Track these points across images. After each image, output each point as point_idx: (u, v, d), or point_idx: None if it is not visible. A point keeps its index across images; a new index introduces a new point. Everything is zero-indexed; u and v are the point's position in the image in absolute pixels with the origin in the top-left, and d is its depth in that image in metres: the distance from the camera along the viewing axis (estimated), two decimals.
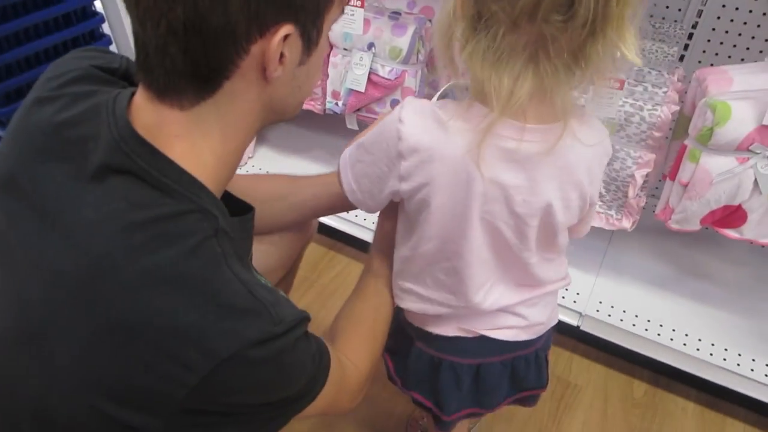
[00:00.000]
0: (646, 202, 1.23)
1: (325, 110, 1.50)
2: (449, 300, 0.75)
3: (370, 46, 1.35)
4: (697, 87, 1.09)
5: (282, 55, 0.53)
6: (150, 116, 0.54)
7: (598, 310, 1.34)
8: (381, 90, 1.37)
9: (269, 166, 1.76)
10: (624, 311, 1.34)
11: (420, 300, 0.78)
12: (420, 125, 0.64)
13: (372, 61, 1.35)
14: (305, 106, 1.57)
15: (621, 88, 1.08)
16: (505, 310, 0.77)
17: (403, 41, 1.30)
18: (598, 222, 1.28)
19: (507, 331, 0.79)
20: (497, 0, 0.55)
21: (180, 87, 0.53)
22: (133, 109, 0.55)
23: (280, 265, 1.00)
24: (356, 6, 1.27)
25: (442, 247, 0.71)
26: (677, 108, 1.12)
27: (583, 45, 0.57)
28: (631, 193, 1.20)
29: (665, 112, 1.10)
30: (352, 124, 1.48)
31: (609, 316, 1.33)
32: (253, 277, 0.56)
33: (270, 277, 1.00)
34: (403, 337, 0.86)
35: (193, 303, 0.50)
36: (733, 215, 1.11)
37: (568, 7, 0.53)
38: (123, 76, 0.65)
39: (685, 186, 1.09)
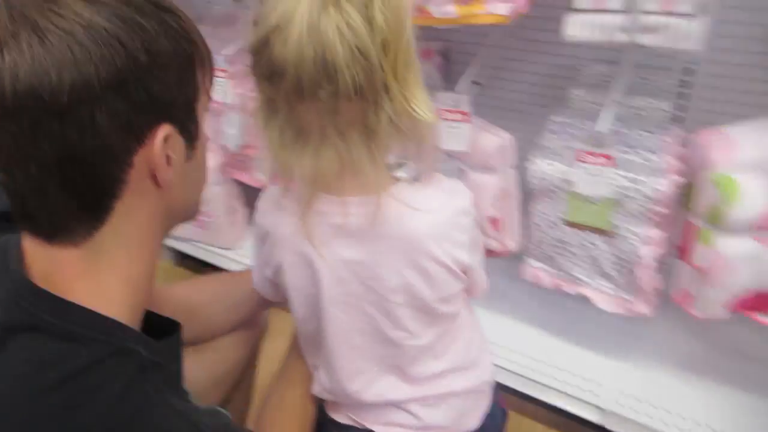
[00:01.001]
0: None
1: None
2: (331, 386, 0.74)
3: None
4: (698, 154, 0.95)
5: (168, 157, 0.52)
6: (44, 262, 0.51)
7: (621, 404, 1.17)
8: None
9: None
10: (652, 405, 1.17)
11: (320, 385, 0.76)
12: (267, 210, 0.68)
13: None
14: None
15: (611, 163, 0.94)
16: (394, 405, 0.73)
17: None
18: (611, 307, 1.12)
19: (397, 429, 0.74)
20: (269, 84, 0.57)
21: (69, 225, 0.50)
22: (26, 258, 0.52)
23: (230, 371, 0.94)
24: None
25: (313, 332, 0.71)
26: (681, 180, 0.97)
27: (364, 115, 0.56)
28: (641, 274, 1.05)
29: (665, 184, 0.96)
30: None
31: (635, 411, 1.16)
32: (191, 405, 0.53)
33: (219, 388, 0.94)
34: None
35: None
36: (765, 299, 0.94)
37: (328, 82, 0.53)
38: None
39: (701, 271, 0.93)
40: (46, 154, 0.46)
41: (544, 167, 1.05)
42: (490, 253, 1.21)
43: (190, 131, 0.54)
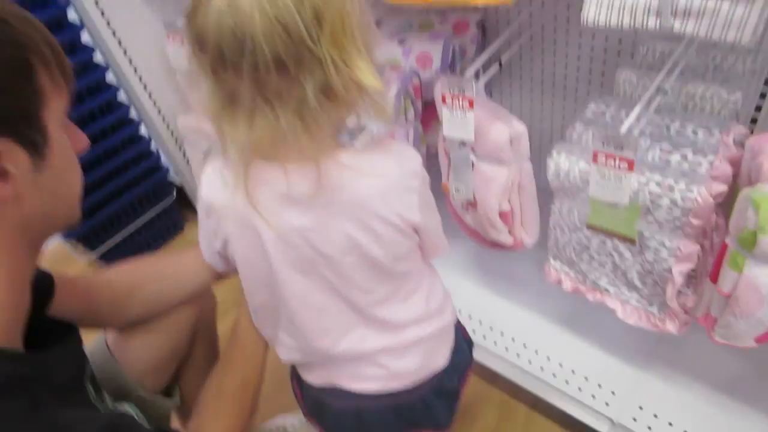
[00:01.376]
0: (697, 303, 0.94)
1: None
2: (299, 346, 0.76)
3: None
4: (750, 161, 0.79)
5: (5, 172, 0.50)
6: None
7: (635, 419, 1.07)
8: None
9: None
10: (670, 424, 1.06)
11: (287, 349, 0.78)
12: (211, 184, 0.68)
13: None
14: None
15: (631, 168, 0.81)
16: (363, 358, 0.75)
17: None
18: (635, 320, 1.01)
19: (368, 383, 0.76)
20: (199, 51, 0.56)
21: None
22: None
23: (176, 350, 0.95)
24: None
25: (271, 298, 0.72)
26: (723, 188, 0.82)
27: (292, 86, 0.55)
28: (669, 292, 0.92)
29: (704, 194, 0.81)
30: None
31: (649, 429, 1.06)
32: (83, 413, 0.52)
33: (167, 366, 0.94)
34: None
35: None
36: None
37: (249, 53, 0.53)
38: None
39: (728, 297, 0.80)
40: None
41: (562, 163, 0.92)
42: (501, 247, 1.11)
43: (33, 141, 0.52)
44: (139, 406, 0.90)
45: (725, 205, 0.87)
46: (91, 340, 0.96)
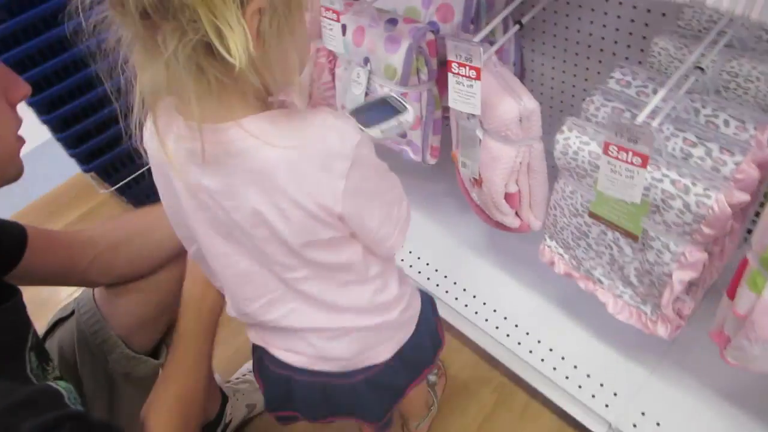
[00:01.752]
0: (694, 308, 0.85)
1: None
2: (232, 306, 0.73)
3: (366, 61, 1.09)
4: None
5: None
6: None
7: (635, 425, 1.01)
8: None
9: None
10: None
11: (228, 303, 0.75)
12: (147, 132, 0.61)
13: (369, 79, 1.10)
14: None
15: (644, 165, 0.71)
16: (293, 332, 0.71)
17: (396, 59, 1.03)
18: (626, 317, 0.93)
19: (294, 355, 0.73)
20: None
21: None
22: None
23: (163, 309, 0.94)
24: (332, 19, 1.02)
25: (198, 254, 0.70)
26: (746, 198, 0.71)
27: (167, 36, 0.48)
28: (665, 298, 0.83)
29: (722, 202, 0.71)
30: None
31: None
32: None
33: (151, 328, 0.94)
34: None
35: None
36: None
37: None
38: None
39: (743, 319, 0.71)
40: None
41: (571, 142, 0.83)
42: (506, 228, 1.04)
43: None
44: (124, 363, 0.91)
45: (745, 208, 0.76)
46: (79, 291, 0.97)
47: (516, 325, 1.19)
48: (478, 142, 0.94)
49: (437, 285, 1.30)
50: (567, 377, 1.10)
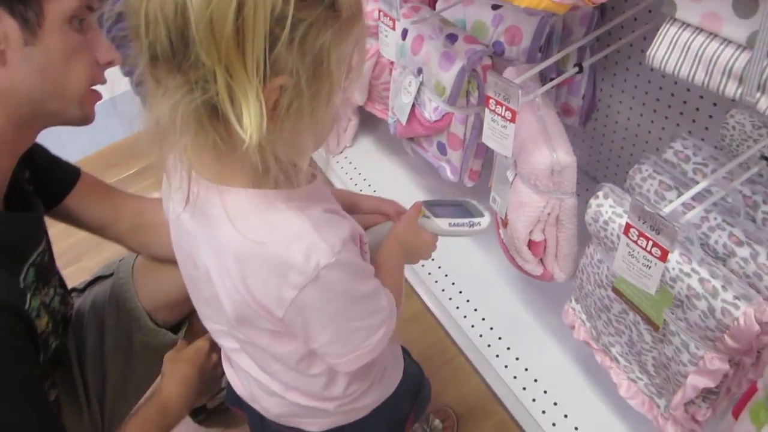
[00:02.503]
0: (710, 415, 0.76)
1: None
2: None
3: (419, 71, 1.05)
4: None
5: None
6: None
7: None
8: (424, 128, 1.07)
9: (363, 157, 1.61)
10: None
11: None
12: None
13: (419, 90, 1.06)
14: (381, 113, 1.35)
15: (663, 258, 0.63)
16: (236, 365, 0.69)
17: (447, 78, 0.97)
18: (637, 404, 0.85)
19: (238, 382, 0.72)
20: None
21: None
22: None
23: (188, 295, 0.94)
24: (388, 26, 0.98)
25: None
26: None
27: (184, 96, 0.44)
28: (676, 400, 0.75)
29: (749, 318, 0.62)
30: (408, 149, 1.21)
31: None
32: None
33: (180, 307, 0.96)
34: None
35: None
36: None
37: (135, 30, 0.44)
38: None
39: None
40: None
41: (604, 210, 0.75)
42: (528, 274, 0.97)
43: (26, 18, 0.60)
44: (145, 332, 0.96)
45: None
46: (121, 252, 1.02)
47: (535, 380, 1.12)
48: (510, 182, 0.88)
49: (456, 308, 1.26)
50: None
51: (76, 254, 1.53)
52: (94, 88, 0.70)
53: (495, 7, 1.03)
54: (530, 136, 0.81)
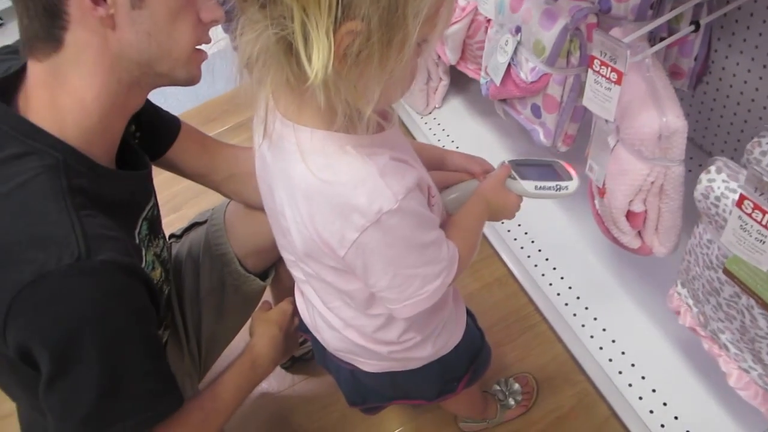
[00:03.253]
0: None
1: None
2: None
3: (518, 30, 1.01)
4: None
5: None
6: (28, 72, 0.65)
7: None
8: (519, 89, 1.04)
9: (451, 119, 1.59)
10: None
11: None
12: None
13: (516, 50, 1.02)
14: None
15: None
16: (304, 298, 0.73)
17: (548, 36, 0.93)
18: (750, 395, 0.81)
19: (306, 312, 0.76)
20: None
21: (36, 45, 0.62)
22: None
23: (275, 244, 0.99)
24: None
25: None
26: None
27: (262, 31, 0.47)
28: None
29: None
30: (499, 111, 1.18)
31: None
32: (99, 232, 0.61)
33: (269, 254, 1.01)
34: None
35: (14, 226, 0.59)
36: None
37: None
38: None
39: None
40: None
41: (716, 186, 0.70)
42: (624, 247, 0.94)
43: None
44: (235, 276, 1.02)
45: None
46: (219, 201, 1.08)
47: (623, 353, 1.09)
48: (610, 149, 0.84)
49: (542, 275, 1.23)
50: (662, 426, 1.00)
51: (177, 203, 1.63)
52: (199, 47, 0.70)
53: None
54: (637, 99, 0.76)
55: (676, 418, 1.00)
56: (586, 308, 1.16)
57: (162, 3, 0.62)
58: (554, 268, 1.24)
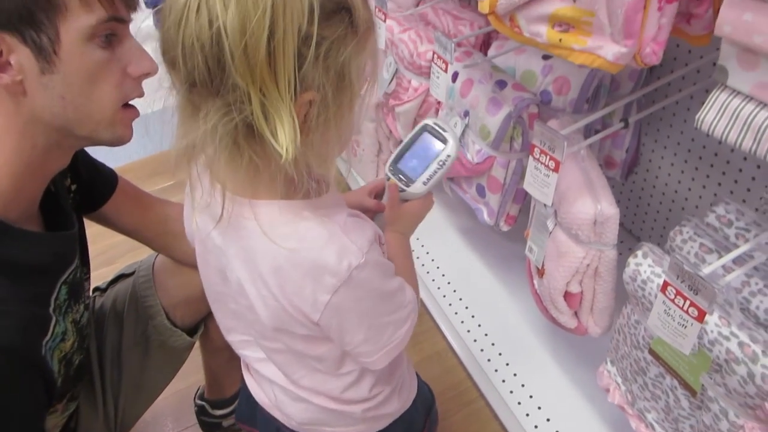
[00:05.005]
0: None
1: None
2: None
3: (466, 114, 1.07)
4: None
5: (8, 65, 0.56)
6: None
7: None
8: (466, 169, 1.09)
9: None
10: None
11: None
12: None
13: (464, 132, 1.08)
14: None
15: (701, 319, 0.63)
16: (262, 375, 0.71)
17: (494, 122, 0.99)
18: None
19: (260, 392, 0.74)
20: None
21: None
22: None
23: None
24: (440, 68, 1.01)
25: None
26: None
27: (209, 108, 0.48)
28: None
29: None
30: (446, 188, 1.23)
31: None
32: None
33: (198, 307, 0.98)
34: None
35: None
36: None
37: (172, 63, 0.48)
38: None
39: None
40: None
41: (642, 270, 0.75)
42: (561, 326, 0.97)
43: (40, 45, 0.56)
44: (161, 331, 0.98)
45: None
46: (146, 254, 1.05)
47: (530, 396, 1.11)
48: (548, 231, 0.88)
49: (481, 350, 1.25)
50: None
51: (111, 256, 1.57)
52: (130, 103, 0.66)
53: (545, 57, 1.06)
54: (573, 186, 0.82)
55: None
56: (523, 385, 1.18)
57: (77, 64, 0.58)
58: (492, 344, 1.26)
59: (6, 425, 0.59)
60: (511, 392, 1.17)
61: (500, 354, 1.24)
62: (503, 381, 1.19)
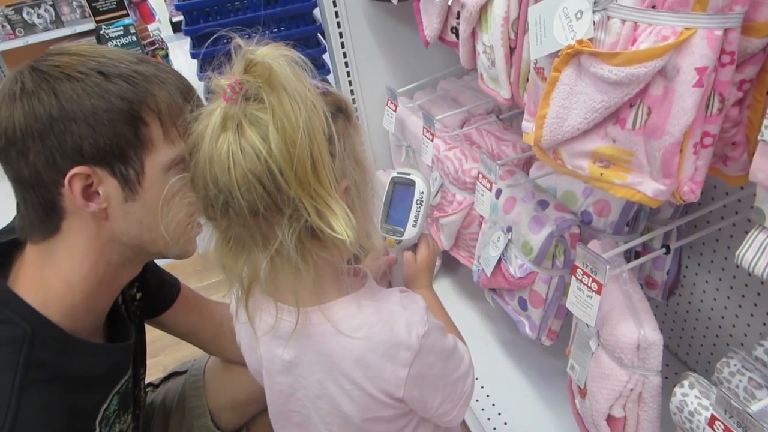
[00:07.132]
0: None
1: None
2: None
3: (509, 229, 1.11)
4: None
5: (96, 194, 0.63)
6: (25, 249, 0.69)
7: None
8: (508, 282, 1.11)
9: (441, 298, 1.64)
10: None
11: None
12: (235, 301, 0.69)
13: (506, 247, 1.11)
14: None
15: None
16: None
17: (536, 240, 1.03)
18: None
19: None
20: (196, 194, 0.59)
21: (33, 232, 0.66)
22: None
23: (255, 398, 0.96)
24: (485, 187, 1.07)
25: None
26: None
27: (273, 232, 0.56)
28: None
29: None
30: (488, 298, 1.25)
31: None
32: (47, 403, 0.60)
33: (243, 410, 0.98)
34: None
35: None
36: None
37: (230, 202, 0.54)
38: None
39: None
40: (9, 175, 0.63)
41: (689, 401, 0.74)
42: None
43: (126, 176, 0.64)
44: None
45: None
46: (200, 354, 1.09)
47: None
48: (591, 351, 0.88)
49: None
50: None
51: (155, 349, 1.61)
52: (195, 222, 0.71)
53: None
54: (616, 309, 0.83)
55: None
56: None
57: (156, 193, 0.65)
58: None
59: None
60: None
61: None
62: None
